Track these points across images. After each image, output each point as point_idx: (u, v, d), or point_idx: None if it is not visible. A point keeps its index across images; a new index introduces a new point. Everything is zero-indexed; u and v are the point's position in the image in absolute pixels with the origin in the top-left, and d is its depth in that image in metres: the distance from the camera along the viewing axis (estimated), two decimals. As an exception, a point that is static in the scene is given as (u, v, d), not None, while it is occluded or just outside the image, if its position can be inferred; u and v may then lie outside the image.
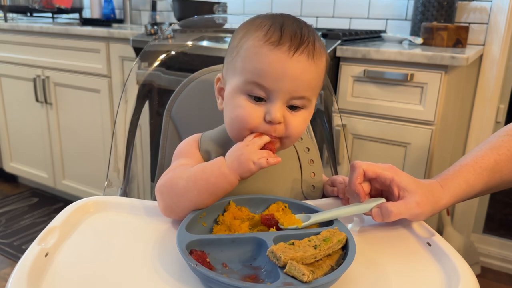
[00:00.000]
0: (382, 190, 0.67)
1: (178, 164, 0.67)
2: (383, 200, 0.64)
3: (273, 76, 0.61)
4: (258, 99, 0.63)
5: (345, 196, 0.70)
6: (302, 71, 0.62)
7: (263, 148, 0.62)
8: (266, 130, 0.63)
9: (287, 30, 0.62)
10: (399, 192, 0.63)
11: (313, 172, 0.74)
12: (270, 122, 0.62)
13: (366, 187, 0.65)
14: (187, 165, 0.65)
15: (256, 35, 0.63)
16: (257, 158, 0.60)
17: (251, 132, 0.63)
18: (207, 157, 0.69)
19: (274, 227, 0.58)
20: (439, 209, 0.65)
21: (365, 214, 0.65)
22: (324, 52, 0.66)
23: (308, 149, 0.75)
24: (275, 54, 0.61)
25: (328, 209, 0.62)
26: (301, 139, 0.76)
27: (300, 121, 0.65)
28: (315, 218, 0.59)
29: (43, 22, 2.47)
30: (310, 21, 2.11)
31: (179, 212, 0.61)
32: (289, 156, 0.73)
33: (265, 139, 0.62)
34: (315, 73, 0.63)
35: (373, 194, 0.67)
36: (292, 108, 0.64)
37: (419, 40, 1.63)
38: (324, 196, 0.75)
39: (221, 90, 0.70)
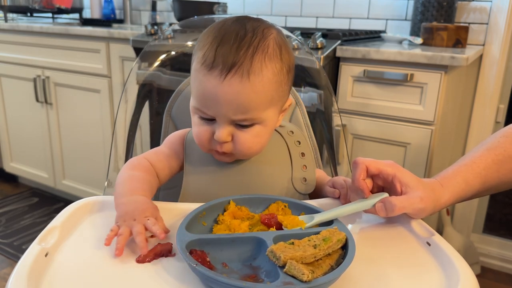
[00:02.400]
0: (383, 187, 0.67)
1: (154, 149, 0.74)
2: (386, 195, 0.64)
3: (208, 102, 0.63)
4: (207, 119, 0.65)
5: (347, 201, 0.70)
6: (235, 95, 0.61)
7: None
8: (215, 147, 0.66)
9: (222, 50, 0.60)
10: (402, 188, 0.63)
11: (305, 165, 0.75)
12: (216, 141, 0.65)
13: (368, 183, 0.65)
14: (160, 150, 0.73)
15: (197, 55, 0.63)
16: (121, 241, 0.55)
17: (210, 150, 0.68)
18: (189, 152, 0.73)
19: (274, 227, 0.58)
20: (439, 208, 0.66)
21: (366, 211, 0.65)
22: (275, 61, 0.62)
23: (299, 143, 0.76)
24: (208, 79, 0.61)
25: (329, 209, 0.62)
26: (292, 132, 0.77)
27: (249, 137, 0.65)
28: (318, 218, 0.60)
29: (43, 22, 2.47)
30: (310, 21, 2.13)
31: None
32: (279, 150, 0.74)
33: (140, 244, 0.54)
34: (251, 93, 0.61)
35: (375, 191, 0.67)
36: (242, 126, 0.64)
37: (419, 40, 1.63)
38: (324, 196, 0.75)
39: None
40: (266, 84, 0.62)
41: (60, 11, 2.47)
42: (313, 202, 0.68)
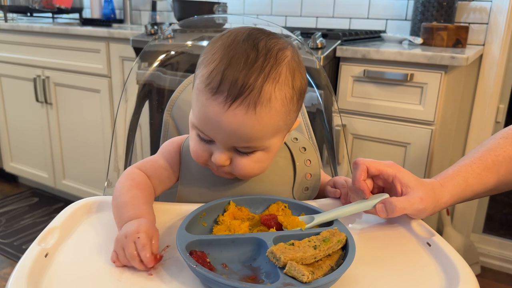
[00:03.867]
0: (384, 187, 0.67)
1: (150, 159, 0.70)
2: (386, 195, 0.64)
3: (209, 128, 0.59)
4: (207, 140, 0.61)
5: (347, 200, 0.69)
6: (238, 125, 0.56)
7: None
8: (212, 167, 0.64)
9: (229, 74, 0.55)
10: (402, 189, 0.63)
11: (310, 173, 0.72)
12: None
13: (369, 184, 0.65)
14: (157, 162, 0.69)
15: (203, 73, 0.58)
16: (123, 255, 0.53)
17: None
18: (185, 161, 0.69)
19: (274, 227, 0.58)
20: (440, 208, 0.66)
21: (367, 212, 0.65)
22: (285, 89, 0.57)
23: (305, 149, 0.73)
24: (211, 105, 0.56)
25: (329, 209, 0.62)
26: (296, 139, 0.74)
27: (250, 162, 0.61)
28: (319, 219, 0.59)
29: (43, 22, 2.47)
30: (310, 21, 2.12)
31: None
32: (282, 157, 0.71)
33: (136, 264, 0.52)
34: (256, 125, 0.56)
35: (375, 192, 0.67)
36: (244, 153, 0.60)
37: (419, 40, 1.63)
38: (324, 196, 0.75)
39: None
40: (274, 116, 0.57)
41: (60, 11, 2.47)
42: (313, 203, 0.68)
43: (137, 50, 1.80)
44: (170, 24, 1.90)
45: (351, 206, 0.63)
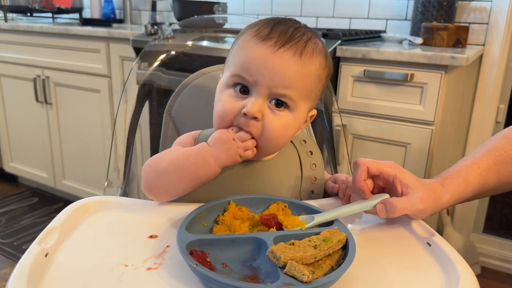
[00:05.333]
0: (384, 187, 0.67)
1: (166, 151, 0.68)
2: (387, 195, 0.64)
3: (253, 69, 0.61)
4: (242, 91, 0.63)
5: (345, 196, 0.70)
6: (284, 67, 0.61)
7: None
8: (241, 124, 0.62)
9: (279, 28, 0.62)
10: (402, 189, 0.63)
11: (315, 177, 0.73)
12: (245, 115, 0.61)
13: (369, 184, 0.65)
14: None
15: (248, 31, 0.64)
16: (243, 152, 0.62)
17: (231, 126, 0.63)
18: None
19: (274, 227, 0.58)
20: (440, 208, 0.66)
21: (367, 212, 0.65)
22: (322, 57, 0.64)
23: (311, 153, 0.74)
24: (258, 47, 0.61)
25: (329, 209, 0.62)
26: (305, 141, 0.75)
27: (279, 123, 0.63)
28: (319, 218, 0.59)
29: (43, 22, 2.47)
30: (310, 21, 2.12)
31: (157, 193, 0.64)
32: (290, 160, 0.72)
33: (245, 136, 0.62)
34: (299, 71, 0.61)
35: (375, 192, 0.67)
36: (276, 105, 0.63)
37: (419, 40, 1.63)
38: (325, 191, 0.75)
39: None
40: (312, 72, 0.63)
41: (60, 11, 2.47)
42: (313, 203, 0.68)
43: (137, 50, 1.80)
44: (170, 24, 1.90)
45: (351, 206, 0.63)
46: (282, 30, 0.62)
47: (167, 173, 0.62)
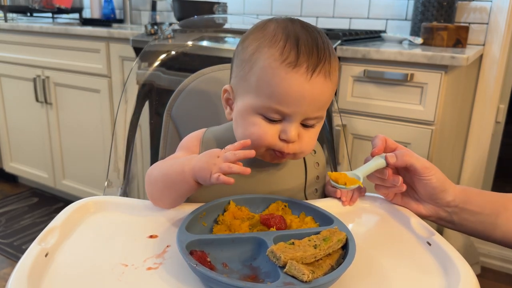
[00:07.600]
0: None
1: (171, 156, 0.69)
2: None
3: (290, 101, 0.60)
4: (274, 120, 0.62)
5: (347, 199, 0.71)
6: (320, 92, 0.61)
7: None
8: (280, 147, 0.63)
9: (304, 48, 0.60)
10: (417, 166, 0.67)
11: (318, 175, 0.74)
12: (284, 141, 0.62)
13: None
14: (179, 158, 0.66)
15: (271, 52, 0.60)
16: (214, 172, 0.56)
17: (267, 149, 0.64)
18: None
19: (274, 227, 0.58)
20: (449, 185, 0.68)
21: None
22: (337, 60, 0.65)
23: (315, 152, 0.75)
24: (292, 77, 0.59)
25: (329, 209, 0.63)
26: (315, 152, 0.76)
27: (312, 137, 0.66)
28: (359, 173, 0.66)
29: (43, 22, 2.47)
30: (310, 21, 2.11)
31: (155, 200, 0.65)
32: (296, 164, 0.73)
33: (231, 157, 0.57)
34: (331, 91, 0.64)
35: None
36: (306, 125, 0.64)
37: (419, 40, 1.63)
38: (325, 194, 0.76)
39: (229, 101, 0.69)
40: (335, 84, 0.65)
41: (60, 11, 2.47)
42: (313, 202, 0.68)
43: (137, 50, 1.80)
44: (170, 24, 1.90)
45: (371, 164, 0.68)
46: (308, 51, 0.60)
47: (156, 181, 0.64)
